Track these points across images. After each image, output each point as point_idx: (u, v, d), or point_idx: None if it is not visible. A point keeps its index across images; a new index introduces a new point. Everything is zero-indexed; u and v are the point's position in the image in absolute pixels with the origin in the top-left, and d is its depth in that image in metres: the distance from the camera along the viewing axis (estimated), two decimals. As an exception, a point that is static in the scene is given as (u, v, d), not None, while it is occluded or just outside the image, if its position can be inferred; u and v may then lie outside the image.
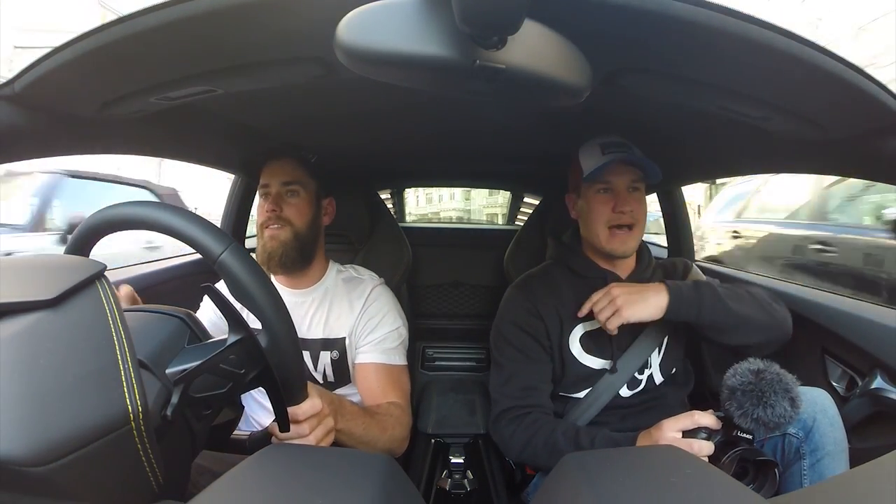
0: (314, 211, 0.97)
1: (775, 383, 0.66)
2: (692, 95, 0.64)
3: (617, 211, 0.89)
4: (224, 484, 0.36)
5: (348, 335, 0.95)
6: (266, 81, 0.65)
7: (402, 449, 0.88)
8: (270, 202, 0.93)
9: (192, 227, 0.48)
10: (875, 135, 0.64)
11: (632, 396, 0.93)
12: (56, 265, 0.41)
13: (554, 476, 0.45)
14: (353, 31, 0.39)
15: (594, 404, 0.91)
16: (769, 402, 0.65)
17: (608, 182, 0.90)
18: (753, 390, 0.66)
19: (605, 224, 0.90)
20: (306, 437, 0.61)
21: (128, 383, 0.37)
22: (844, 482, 0.46)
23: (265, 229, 0.93)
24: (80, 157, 0.94)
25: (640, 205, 0.91)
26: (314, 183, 0.98)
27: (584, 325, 0.93)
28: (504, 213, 2.95)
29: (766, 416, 0.65)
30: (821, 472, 0.73)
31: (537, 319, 0.93)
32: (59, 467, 0.32)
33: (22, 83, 0.57)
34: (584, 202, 0.94)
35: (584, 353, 0.92)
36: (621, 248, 0.90)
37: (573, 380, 0.93)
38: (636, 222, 0.90)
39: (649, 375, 0.94)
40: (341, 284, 1.00)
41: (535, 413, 0.89)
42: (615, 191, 0.90)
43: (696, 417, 0.71)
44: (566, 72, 0.46)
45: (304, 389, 0.57)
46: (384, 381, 0.92)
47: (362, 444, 0.75)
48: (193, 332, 0.50)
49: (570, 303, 0.93)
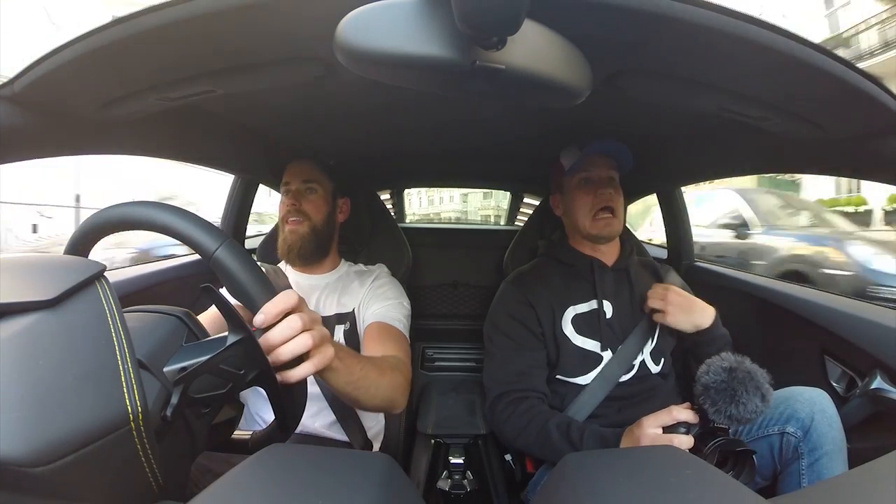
0: (330, 208, 1.06)
1: (746, 381, 0.69)
2: (692, 96, 0.64)
3: (598, 199, 0.97)
4: (224, 484, 0.36)
5: (357, 306, 1.02)
6: (266, 82, 0.65)
7: (403, 399, 0.80)
8: (291, 197, 1.03)
9: (188, 224, 0.48)
10: (875, 135, 0.64)
11: (628, 384, 0.94)
12: (55, 265, 0.41)
13: (554, 476, 0.45)
14: (353, 32, 0.39)
15: (597, 393, 0.93)
16: (741, 400, 0.68)
17: (588, 171, 0.99)
18: (726, 388, 0.69)
19: (589, 210, 0.98)
20: (286, 347, 0.50)
21: (127, 384, 0.37)
22: (844, 482, 0.46)
23: (286, 223, 1.02)
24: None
25: (617, 192, 0.99)
26: (331, 183, 1.07)
27: (574, 308, 0.97)
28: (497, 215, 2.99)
29: (738, 412, 0.68)
30: (819, 472, 0.74)
31: (528, 307, 0.98)
32: (59, 467, 0.32)
33: (22, 83, 0.57)
34: (567, 197, 1.03)
35: (577, 335, 0.96)
36: (606, 230, 0.98)
37: (571, 362, 0.95)
38: (616, 208, 0.98)
39: (642, 361, 0.96)
40: (353, 273, 1.09)
41: (532, 399, 0.92)
42: (594, 180, 0.98)
43: (675, 413, 0.74)
44: (566, 73, 0.46)
45: (304, 389, 0.57)
46: (384, 338, 0.93)
47: (361, 389, 0.67)
48: (191, 331, 0.50)
49: (560, 289, 0.99)
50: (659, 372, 0.97)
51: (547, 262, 1.07)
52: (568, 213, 1.04)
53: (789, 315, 1.06)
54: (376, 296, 1.02)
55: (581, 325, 0.97)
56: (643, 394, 0.94)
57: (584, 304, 0.98)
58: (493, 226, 3.76)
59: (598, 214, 0.97)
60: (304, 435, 0.97)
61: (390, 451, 1.14)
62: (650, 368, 0.96)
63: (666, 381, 0.98)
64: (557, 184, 1.07)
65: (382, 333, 0.94)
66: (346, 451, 0.63)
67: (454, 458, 1.21)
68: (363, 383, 0.67)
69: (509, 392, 0.94)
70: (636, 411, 0.86)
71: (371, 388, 0.69)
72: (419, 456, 1.25)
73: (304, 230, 1.01)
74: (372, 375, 0.70)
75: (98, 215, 0.52)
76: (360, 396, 0.68)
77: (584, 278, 1.00)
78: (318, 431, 0.99)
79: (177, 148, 0.99)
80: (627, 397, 0.94)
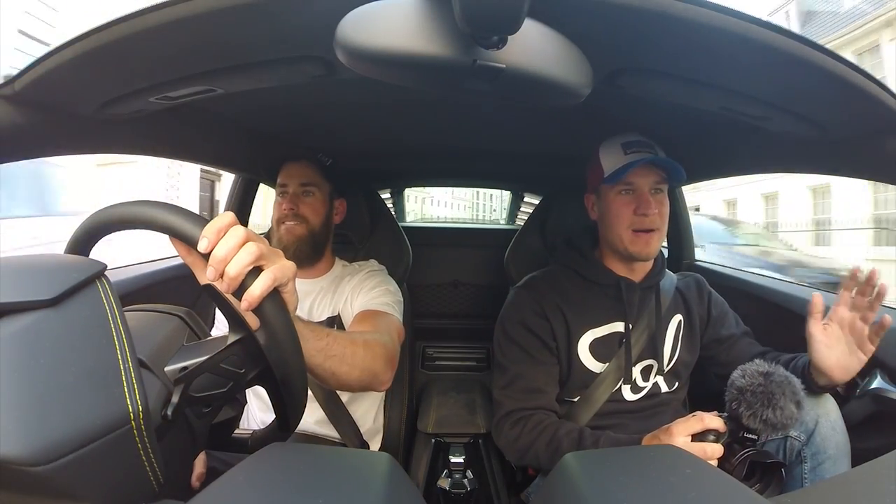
0: (327, 210, 1.05)
1: (784, 385, 0.66)
2: (692, 95, 0.64)
3: (640, 213, 0.86)
4: (224, 483, 0.36)
5: (342, 306, 1.01)
6: (266, 81, 0.65)
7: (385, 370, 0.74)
8: (288, 200, 1.00)
9: (188, 224, 0.47)
10: (875, 135, 0.64)
11: (637, 401, 0.92)
12: (56, 265, 0.41)
13: (554, 475, 0.45)
14: (354, 31, 0.39)
15: (589, 406, 0.90)
16: (778, 404, 0.65)
17: (631, 183, 0.87)
18: (763, 392, 0.66)
19: (628, 227, 0.87)
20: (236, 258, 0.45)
21: (128, 383, 0.37)
22: (844, 482, 0.46)
23: (281, 224, 1.00)
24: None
25: (663, 207, 0.87)
26: (328, 184, 1.05)
27: (592, 332, 0.91)
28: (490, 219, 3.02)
29: (775, 417, 0.65)
30: (822, 476, 0.73)
31: (543, 320, 0.90)
32: (59, 467, 0.31)
33: (22, 82, 0.57)
34: (604, 203, 0.91)
35: (592, 359, 0.90)
36: (645, 250, 0.87)
37: (576, 384, 0.92)
38: (660, 226, 0.87)
39: (654, 383, 0.93)
40: (346, 273, 1.07)
41: (539, 415, 0.87)
42: (638, 192, 0.87)
43: (706, 421, 0.69)
44: (566, 72, 0.46)
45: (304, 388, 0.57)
46: (365, 319, 0.89)
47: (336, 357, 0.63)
48: (192, 331, 0.50)
49: (579, 307, 0.91)
50: (669, 391, 0.95)
51: (564, 272, 0.96)
52: (604, 223, 0.92)
53: (790, 315, 1.06)
54: (361, 290, 1.00)
55: (597, 348, 0.90)
56: (652, 408, 0.93)
57: (604, 326, 0.90)
58: (493, 225, 3.76)
59: (639, 230, 0.86)
60: (295, 433, 0.97)
61: (390, 449, 1.14)
62: (661, 389, 0.94)
63: (675, 396, 0.96)
64: (593, 184, 0.94)
65: (365, 317, 0.91)
66: (346, 449, 0.62)
67: (454, 457, 1.22)
68: (335, 350, 0.63)
69: (520, 410, 0.88)
70: (644, 424, 0.85)
71: (347, 357, 0.64)
72: (419, 455, 1.25)
73: (300, 231, 1.00)
74: (343, 342, 0.65)
75: (98, 214, 0.52)
76: (335, 368, 0.63)
77: (607, 297, 0.92)
78: (309, 429, 0.99)
79: (177, 147, 0.99)
80: (635, 411, 0.92)
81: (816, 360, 0.77)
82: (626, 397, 0.92)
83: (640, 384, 0.92)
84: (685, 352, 0.95)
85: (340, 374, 0.64)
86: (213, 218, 0.47)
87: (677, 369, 0.95)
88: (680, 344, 0.95)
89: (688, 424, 0.70)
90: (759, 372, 0.68)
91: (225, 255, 0.45)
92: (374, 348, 0.72)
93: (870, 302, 0.76)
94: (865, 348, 0.76)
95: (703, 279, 1.04)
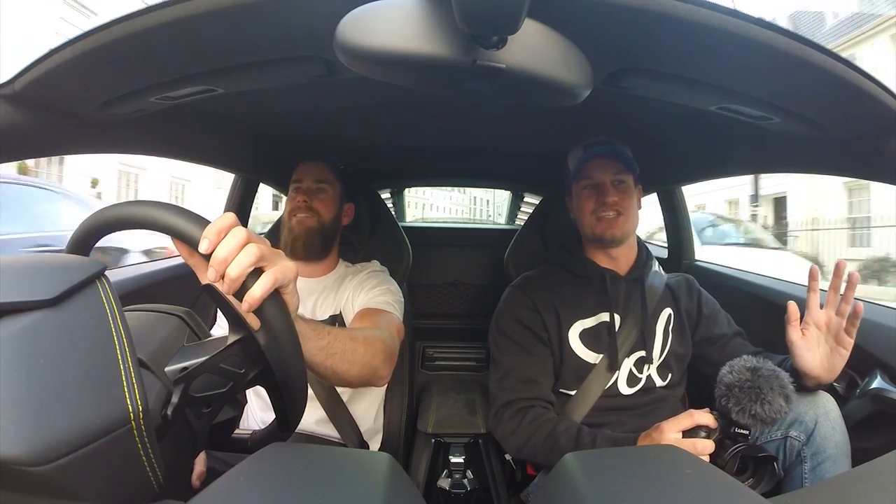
0: (337, 209, 1.09)
1: (772, 380, 0.68)
2: (692, 96, 0.64)
3: (600, 202, 0.94)
4: (224, 483, 0.36)
5: (344, 306, 1.03)
6: (266, 81, 0.65)
7: (385, 366, 0.76)
8: (302, 194, 1.04)
9: (189, 225, 0.47)
10: (875, 135, 0.64)
11: (633, 395, 0.93)
12: (56, 264, 0.41)
13: (554, 475, 0.45)
14: (354, 31, 0.39)
15: (585, 399, 0.92)
16: (766, 399, 0.66)
17: (592, 177, 0.95)
18: (751, 387, 0.67)
19: (592, 214, 0.95)
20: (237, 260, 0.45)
21: (128, 383, 0.37)
22: (844, 482, 0.46)
23: (294, 216, 1.03)
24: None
25: (625, 195, 0.94)
26: (340, 186, 1.09)
27: (582, 323, 0.95)
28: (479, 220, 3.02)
29: (763, 411, 0.66)
30: (822, 476, 0.73)
31: (535, 314, 0.95)
32: (59, 467, 0.31)
33: (22, 82, 0.57)
34: (574, 200, 1.00)
35: (584, 348, 0.94)
36: (610, 231, 0.94)
37: (570, 375, 0.94)
38: (622, 211, 0.94)
39: (648, 376, 0.95)
40: (349, 273, 1.09)
41: (538, 408, 0.89)
42: (598, 185, 0.95)
43: (696, 417, 0.71)
44: (566, 72, 0.46)
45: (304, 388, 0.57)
46: (364, 317, 0.91)
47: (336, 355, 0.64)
48: (193, 331, 0.50)
49: (569, 299, 0.96)
50: (664, 385, 0.96)
51: (556, 270, 1.03)
52: (576, 217, 1.01)
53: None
54: (363, 289, 1.02)
55: (588, 338, 0.94)
56: (649, 405, 0.93)
57: (592, 317, 0.95)
58: (493, 225, 3.76)
59: (601, 214, 0.94)
60: (294, 433, 0.97)
61: (390, 449, 1.14)
62: (655, 382, 0.95)
63: (672, 392, 0.97)
64: (567, 185, 1.04)
65: (366, 314, 0.93)
66: (346, 450, 0.63)
67: (454, 457, 1.22)
68: (336, 348, 0.63)
69: (516, 400, 0.91)
70: (642, 421, 0.85)
71: (347, 355, 0.65)
72: (419, 455, 1.25)
73: (312, 223, 1.03)
74: (344, 340, 0.66)
75: (99, 214, 0.52)
76: (336, 366, 0.63)
77: (594, 290, 0.97)
78: (309, 429, 0.99)
79: (177, 147, 0.99)
80: (633, 408, 0.93)
81: (800, 365, 0.78)
82: (622, 391, 0.93)
83: (637, 375, 0.94)
84: (676, 344, 0.97)
85: (341, 371, 0.65)
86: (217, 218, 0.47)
87: (668, 361, 0.96)
88: (670, 336, 0.98)
89: (678, 421, 0.72)
90: (747, 367, 0.69)
91: (226, 256, 0.45)
92: (374, 344, 0.74)
93: (842, 295, 0.76)
94: (845, 342, 0.76)
95: (694, 279, 1.07)
